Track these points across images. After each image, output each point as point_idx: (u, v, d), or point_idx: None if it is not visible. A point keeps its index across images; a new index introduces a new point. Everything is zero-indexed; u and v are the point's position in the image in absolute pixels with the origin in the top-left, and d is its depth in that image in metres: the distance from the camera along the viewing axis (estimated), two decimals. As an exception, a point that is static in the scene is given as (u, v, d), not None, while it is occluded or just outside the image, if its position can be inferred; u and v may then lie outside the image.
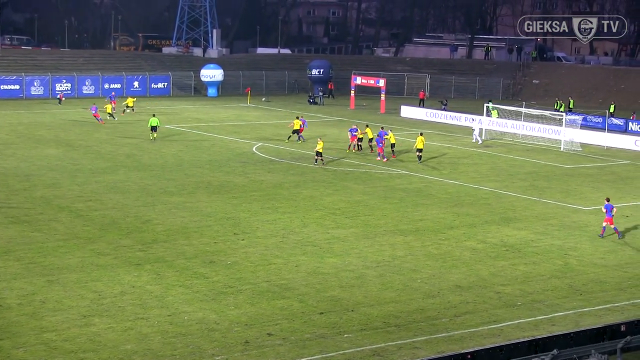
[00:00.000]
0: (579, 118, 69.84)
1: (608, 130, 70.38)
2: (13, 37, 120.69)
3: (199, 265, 32.38)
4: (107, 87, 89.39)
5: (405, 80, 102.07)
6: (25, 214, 39.09)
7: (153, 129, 61.67)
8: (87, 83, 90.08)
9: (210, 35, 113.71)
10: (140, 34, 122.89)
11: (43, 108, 79.34)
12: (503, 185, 49.38)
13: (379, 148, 56.82)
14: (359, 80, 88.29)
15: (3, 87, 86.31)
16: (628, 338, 24.12)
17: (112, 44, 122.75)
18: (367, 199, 44.47)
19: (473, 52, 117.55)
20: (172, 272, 31.50)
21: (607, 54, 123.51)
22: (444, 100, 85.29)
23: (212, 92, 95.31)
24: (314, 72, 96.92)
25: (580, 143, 64.71)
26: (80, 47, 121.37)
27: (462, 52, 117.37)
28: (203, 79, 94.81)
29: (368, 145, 58.82)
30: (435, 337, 26.23)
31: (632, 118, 76.34)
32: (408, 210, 42.31)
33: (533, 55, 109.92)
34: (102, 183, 46.32)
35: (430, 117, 79.85)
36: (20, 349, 24.33)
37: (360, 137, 59.14)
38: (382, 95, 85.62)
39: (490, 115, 72.90)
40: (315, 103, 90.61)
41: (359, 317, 27.66)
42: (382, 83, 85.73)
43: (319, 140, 54.36)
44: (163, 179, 47.90)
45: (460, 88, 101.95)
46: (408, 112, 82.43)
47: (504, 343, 24.25)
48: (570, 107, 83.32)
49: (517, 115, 70.97)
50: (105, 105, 73.09)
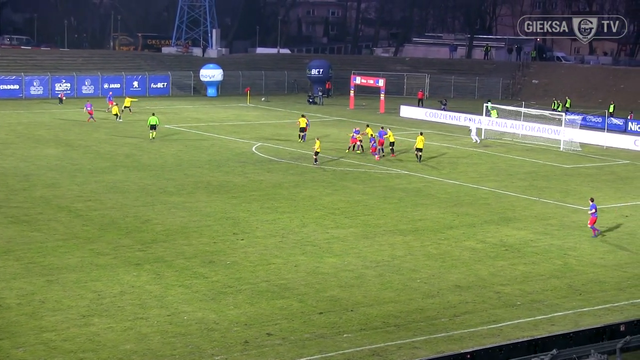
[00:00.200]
0: (579, 118, 69.82)
1: (607, 130, 70.40)
2: (12, 37, 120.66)
3: (199, 265, 32.38)
4: (106, 87, 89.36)
5: (405, 80, 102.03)
6: (25, 214, 39.09)
7: (152, 128, 61.73)
8: (86, 83, 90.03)
9: (210, 35, 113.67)
10: (140, 34, 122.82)
11: (42, 108, 79.31)
12: (502, 185, 49.38)
13: (373, 147, 56.83)
14: (359, 80, 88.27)
15: (2, 87, 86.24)
16: (627, 338, 24.13)
17: (111, 44, 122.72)
18: (366, 199, 44.47)
19: (472, 52, 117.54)
20: (171, 272, 31.50)
21: (606, 54, 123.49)
22: (444, 100, 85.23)
23: (211, 92, 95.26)
24: (314, 72, 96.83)
25: (580, 143, 64.70)
26: (80, 47, 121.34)
27: (461, 52, 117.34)
28: (202, 79, 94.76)
29: (370, 145, 58.78)
30: (435, 337, 26.24)
31: (629, 118, 76.37)
32: (407, 210, 42.32)
33: (532, 55, 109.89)
34: (101, 183, 46.32)
35: (430, 117, 79.86)
36: (20, 349, 24.34)
37: (360, 138, 59.07)
38: (381, 95, 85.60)
39: (490, 115, 72.92)
40: (315, 103, 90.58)
41: (359, 317, 27.66)
42: (381, 83, 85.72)
43: (317, 140, 54.49)
44: (162, 179, 47.89)
45: (460, 88, 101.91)
46: (407, 112, 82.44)
47: (504, 343, 24.27)
48: (567, 106, 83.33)
49: (516, 115, 70.95)
50: (113, 107, 73.09)
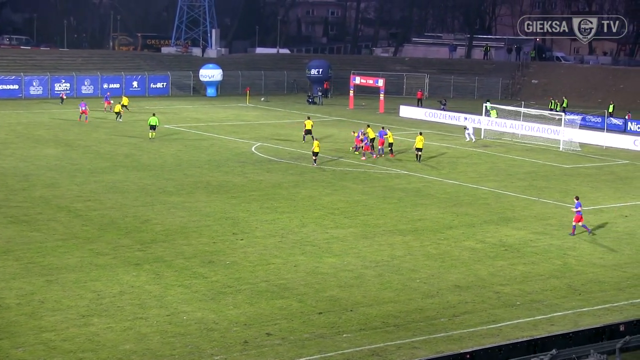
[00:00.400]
0: (578, 118, 69.83)
1: (607, 130, 70.41)
2: (12, 37, 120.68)
3: (198, 265, 32.38)
4: (106, 87, 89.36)
5: (404, 80, 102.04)
6: (24, 214, 39.08)
7: (152, 128, 61.80)
8: (86, 83, 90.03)
9: (209, 35, 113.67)
10: (139, 34, 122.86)
11: (42, 108, 79.30)
12: (502, 185, 49.38)
13: (366, 146, 56.68)
14: (358, 80, 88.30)
15: (2, 87, 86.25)
16: (627, 338, 24.12)
17: (111, 44, 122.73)
18: (366, 199, 44.47)
19: (472, 52, 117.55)
20: (171, 272, 31.50)
21: (606, 54, 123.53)
22: (443, 100, 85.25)
23: (211, 92, 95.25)
24: (313, 72, 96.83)
25: (579, 143, 64.71)
26: (79, 47, 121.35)
27: (461, 52, 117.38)
28: (202, 79, 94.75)
29: (364, 144, 58.71)
30: (434, 337, 26.23)
31: (627, 117, 76.44)
32: (407, 210, 42.31)
33: (532, 55, 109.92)
34: (101, 183, 46.31)
35: (429, 117, 79.85)
36: (19, 349, 24.33)
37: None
38: (381, 95, 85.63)
39: (490, 115, 72.94)
40: (314, 103, 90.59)
41: (358, 317, 27.66)
42: (381, 83, 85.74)
43: (315, 141, 54.52)
44: (162, 179, 47.89)
45: (459, 88, 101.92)
46: (407, 112, 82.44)
47: (503, 343, 24.26)
48: (564, 106, 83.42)
49: (516, 115, 70.96)
50: (115, 105, 73.11)
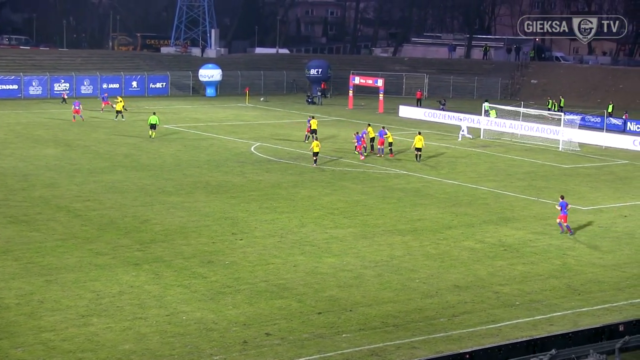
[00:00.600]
0: (577, 118, 69.84)
1: (606, 130, 70.43)
2: (11, 37, 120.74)
3: (197, 265, 32.37)
4: (105, 87, 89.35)
5: (404, 80, 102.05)
6: (24, 214, 39.07)
7: (152, 127, 61.86)
8: (85, 83, 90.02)
9: (209, 35, 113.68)
10: (139, 34, 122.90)
11: (41, 108, 79.29)
12: (501, 185, 49.38)
13: (358, 146, 56.51)
14: (357, 80, 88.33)
15: (1, 87, 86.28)
16: (626, 338, 24.12)
17: (110, 44, 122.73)
18: (365, 199, 44.46)
19: (471, 52, 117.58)
20: (170, 272, 31.50)
21: (605, 54, 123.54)
22: (442, 100, 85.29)
23: (210, 92, 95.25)
24: (312, 72, 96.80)
25: (579, 143, 64.72)
26: (79, 47, 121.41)
27: (460, 52, 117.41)
28: (201, 79, 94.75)
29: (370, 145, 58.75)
30: (434, 337, 26.23)
31: (624, 117, 76.56)
32: (406, 210, 42.31)
33: (531, 55, 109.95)
34: (100, 183, 46.30)
35: (429, 116, 79.85)
36: (19, 349, 24.32)
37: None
38: (380, 95, 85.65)
39: (489, 115, 72.93)
40: (314, 103, 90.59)
41: (357, 317, 27.65)
42: (380, 83, 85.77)
43: (314, 141, 54.53)
44: (161, 179, 47.89)
45: (459, 88, 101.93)
46: (406, 112, 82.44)
47: (502, 343, 24.25)
48: (561, 105, 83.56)
49: (515, 115, 70.98)
50: (116, 103, 73.19)
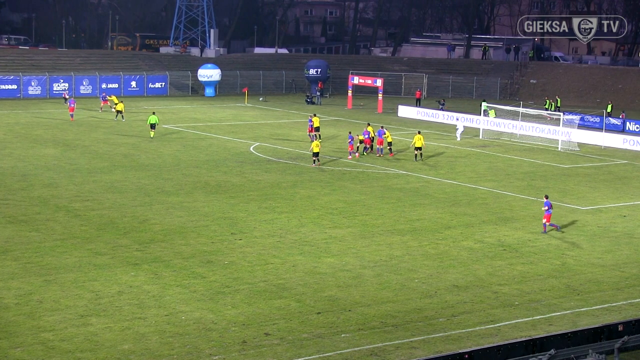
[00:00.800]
0: (577, 118, 69.84)
1: (605, 130, 70.43)
2: (10, 37, 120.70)
3: (197, 265, 32.37)
4: (104, 86, 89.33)
5: (403, 80, 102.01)
6: (23, 214, 39.06)
7: (152, 127, 61.87)
8: (84, 83, 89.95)
9: (208, 35, 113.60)
10: (138, 34, 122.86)
11: (40, 108, 79.25)
12: (500, 185, 49.38)
13: (350, 145, 56.40)
14: (357, 80, 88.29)
15: (0, 87, 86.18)
16: (625, 338, 24.13)
17: (109, 44, 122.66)
18: (364, 199, 44.46)
19: (470, 51, 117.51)
20: (169, 271, 31.50)
21: (604, 54, 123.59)
22: (442, 100, 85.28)
23: (209, 91, 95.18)
24: (312, 71, 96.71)
25: (578, 143, 64.73)
26: (78, 47, 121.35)
27: (459, 51, 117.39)
28: (200, 79, 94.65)
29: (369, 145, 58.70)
30: (433, 336, 26.24)
31: (621, 117, 76.66)
32: (405, 210, 42.31)
33: (530, 55, 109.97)
34: (99, 183, 46.29)
35: (428, 116, 79.85)
36: (18, 349, 24.32)
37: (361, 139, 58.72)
38: (379, 95, 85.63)
39: (488, 115, 72.93)
40: (313, 103, 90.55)
41: (357, 316, 27.66)
42: (379, 83, 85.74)
43: (314, 141, 54.56)
44: (160, 179, 47.88)
45: (458, 88, 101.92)
46: (405, 111, 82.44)
47: (502, 343, 24.28)
48: (558, 105, 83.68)
49: (514, 115, 70.98)
50: (116, 103, 73.18)
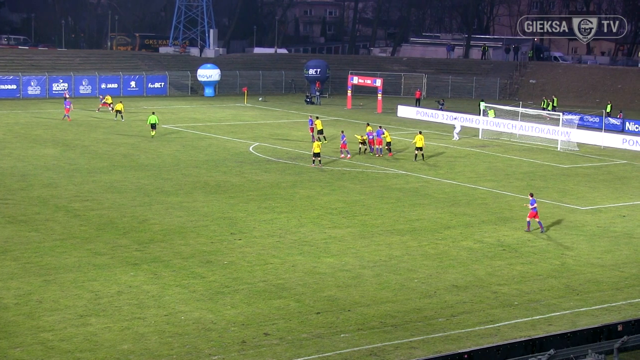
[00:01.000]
0: (576, 118, 69.86)
1: (605, 130, 70.44)
2: (10, 37, 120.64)
3: (196, 265, 32.37)
4: (104, 87, 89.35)
5: (402, 80, 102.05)
6: (22, 214, 39.06)
7: (152, 127, 61.89)
8: (84, 83, 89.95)
9: (207, 35, 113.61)
10: (137, 34, 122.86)
11: (40, 108, 79.24)
12: (500, 185, 49.39)
13: (343, 144, 56.29)
14: (356, 80, 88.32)
15: (0, 87, 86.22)
16: (625, 338, 24.12)
17: (109, 44, 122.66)
18: (363, 199, 44.46)
19: (470, 51, 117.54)
20: (169, 272, 31.49)
21: (604, 54, 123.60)
22: (441, 100, 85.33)
23: (209, 92, 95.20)
24: (311, 71, 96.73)
25: (577, 143, 64.74)
26: (77, 47, 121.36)
27: (459, 51, 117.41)
28: (200, 79, 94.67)
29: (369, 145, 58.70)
30: (432, 337, 26.24)
31: (619, 117, 76.71)
32: (405, 210, 42.31)
33: (530, 55, 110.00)
34: (99, 183, 46.29)
35: (427, 116, 79.85)
36: (17, 349, 24.32)
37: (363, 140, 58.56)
38: (379, 95, 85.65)
39: (487, 115, 72.94)
40: (312, 103, 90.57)
41: (356, 316, 27.66)
42: (379, 83, 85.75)
43: (315, 141, 54.56)
44: (160, 179, 47.87)
45: (457, 88, 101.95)
46: (405, 111, 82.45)
47: (501, 343, 24.27)
48: (554, 105, 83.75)
49: (514, 115, 70.99)
50: (110, 103, 73.19)
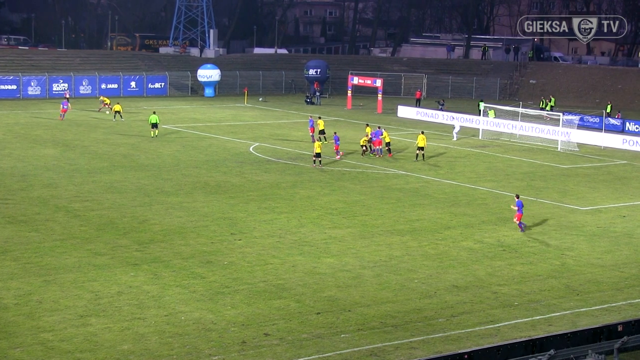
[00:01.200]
0: (576, 118, 69.87)
1: (605, 130, 70.44)
2: (10, 37, 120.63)
3: (196, 266, 32.37)
4: (104, 87, 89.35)
5: (402, 80, 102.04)
6: (22, 214, 39.06)
7: (154, 126, 61.88)
8: (84, 83, 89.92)
9: (207, 35, 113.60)
10: (137, 34, 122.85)
11: (40, 108, 79.23)
12: (500, 185, 49.39)
13: (336, 145, 56.20)
14: (356, 80, 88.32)
15: (0, 87, 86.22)
16: (625, 338, 24.13)
17: (109, 44, 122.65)
18: (364, 199, 44.46)
19: (470, 52, 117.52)
20: (169, 272, 31.49)
21: (604, 54, 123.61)
22: (441, 100, 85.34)
23: (209, 92, 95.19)
24: (311, 72, 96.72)
25: (577, 143, 64.74)
26: (77, 47, 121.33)
27: (459, 52, 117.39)
28: (200, 79, 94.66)
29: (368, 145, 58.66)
30: (432, 337, 26.23)
31: (617, 117, 76.74)
32: (405, 210, 42.31)
33: (530, 56, 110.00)
34: (99, 183, 46.29)
35: (427, 117, 79.85)
36: (17, 349, 24.31)
37: (364, 142, 58.41)
38: (379, 95, 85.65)
39: (487, 115, 72.94)
40: (312, 103, 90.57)
41: (356, 317, 27.66)
42: (379, 83, 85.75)
43: (316, 141, 54.53)
44: (160, 179, 47.87)
45: (457, 88, 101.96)
46: (405, 112, 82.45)
47: (501, 343, 24.28)
48: (552, 105, 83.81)
49: (514, 115, 71.00)
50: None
